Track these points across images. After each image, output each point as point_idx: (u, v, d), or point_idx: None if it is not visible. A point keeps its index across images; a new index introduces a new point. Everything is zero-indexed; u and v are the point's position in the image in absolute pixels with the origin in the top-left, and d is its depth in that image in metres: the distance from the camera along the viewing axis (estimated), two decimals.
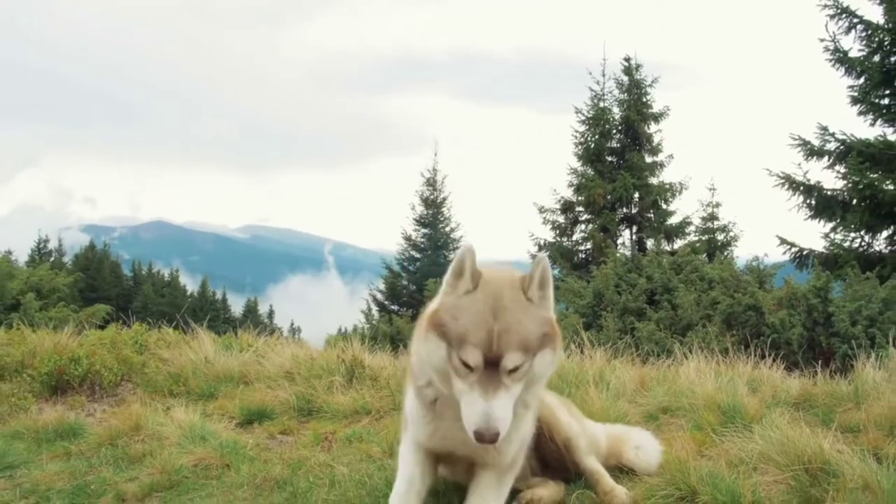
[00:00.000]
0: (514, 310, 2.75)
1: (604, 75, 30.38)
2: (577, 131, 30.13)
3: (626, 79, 30.14)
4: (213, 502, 3.93)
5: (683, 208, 33.54)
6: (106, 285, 60.77)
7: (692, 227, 29.77)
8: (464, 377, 2.69)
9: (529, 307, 2.80)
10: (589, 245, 29.55)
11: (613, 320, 10.93)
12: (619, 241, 30.11)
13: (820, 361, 6.75)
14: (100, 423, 5.49)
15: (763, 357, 6.60)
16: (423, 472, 3.29)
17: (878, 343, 6.82)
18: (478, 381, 2.66)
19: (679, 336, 9.82)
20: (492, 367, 2.66)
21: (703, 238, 29.09)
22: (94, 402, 6.39)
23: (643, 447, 4.24)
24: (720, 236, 29.39)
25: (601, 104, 30.27)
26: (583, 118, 30.12)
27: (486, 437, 2.62)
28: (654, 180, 29.90)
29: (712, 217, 29.92)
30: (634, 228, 30.49)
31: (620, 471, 4.18)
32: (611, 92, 30.46)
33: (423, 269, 35.36)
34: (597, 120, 29.75)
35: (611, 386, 5.73)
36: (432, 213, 38.52)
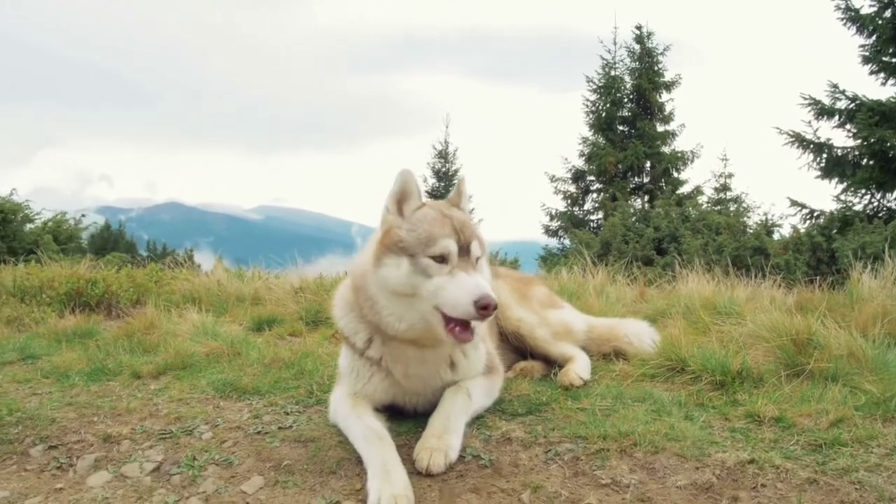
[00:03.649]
0: (461, 215, 3.06)
1: (615, 44, 30.22)
2: (588, 100, 30.05)
3: (637, 47, 29.98)
4: (224, 376, 4.12)
5: (695, 177, 33.51)
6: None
7: (704, 197, 29.70)
8: (437, 272, 2.83)
9: (468, 217, 3.13)
10: (601, 214, 29.58)
11: (620, 267, 11.03)
12: (634, 209, 30.08)
13: (818, 279, 6.86)
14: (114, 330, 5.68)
15: (763, 277, 6.71)
16: (367, 408, 3.23)
17: None
18: (457, 265, 2.85)
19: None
20: (463, 256, 2.88)
21: (716, 209, 29.02)
22: (111, 321, 6.61)
23: (638, 335, 4.41)
24: (732, 206, 29.30)
25: (612, 73, 30.13)
26: (594, 87, 30.02)
27: (491, 304, 2.71)
28: (665, 149, 29.80)
29: (725, 188, 29.83)
30: (646, 197, 30.47)
31: (617, 355, 4.36)
32: (622, 61, 30.30)
33: None
34: (608, 89, 29.62)
35: (611, 297, 5.88)
36: (444, 185, 38.53)
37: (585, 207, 30.48)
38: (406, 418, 3.32)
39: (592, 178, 30.05)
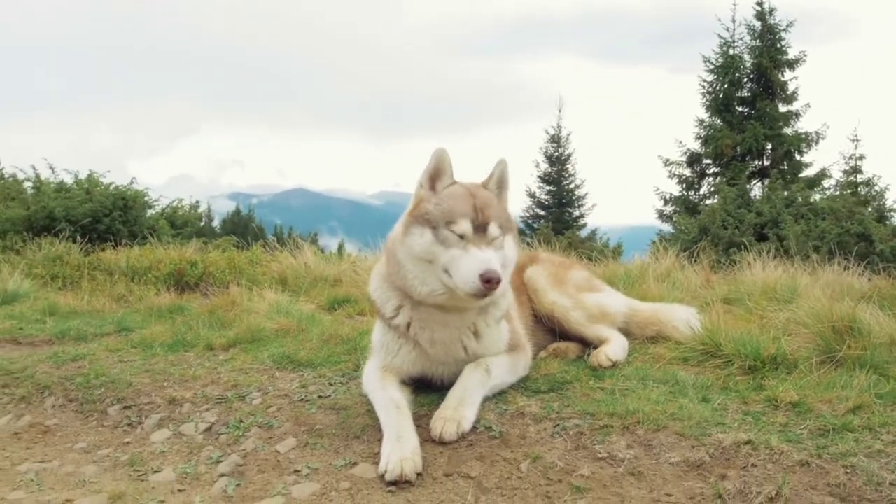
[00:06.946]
0: (486, 196, 3.30)
1: (734, 21, 28.94)
2: (704, 81, 28.96)
3: (758, 24, 28.62)
4: (285, 350, 4.50)
5: (821, 160, 31.66)
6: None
7: (831, 181, 28.07)
8: (455, 244, 3.11)
9: (494, 199, 3.36)
10: (716, 198, 28.52)
11: (715, 252, 10.76)
12: (752, 194, 28.84)
13: None
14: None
15: (846, 269, 6.45)
16: (392, 381, 3.48)
17: None
18: (471, 242, 3.11)
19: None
20: (479, 233, 3.13)
21: (845, 192, 27.38)
22: (205, 299, 7.17)
23: (684, 320, 4.42)
24: (863, 190, 27.56)
25: (731, 52, 28.92)
26: (711, 67, 28.91)
27: (494, 279, 2.96)
28: (787, 130, 28.35)
29: (855, 170, 28.07)
30: (766, 181, 29.15)
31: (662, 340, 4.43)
32: (741, 39, 29.01)
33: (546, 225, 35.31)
34: (726, 68, 28.40)
35: (678, 283, 5.87)
36: (557, 170, 38.18)
37: (701, 192, 29.53)
38: (433, 391, 3.55)
39: (708, 161, 29.03)
